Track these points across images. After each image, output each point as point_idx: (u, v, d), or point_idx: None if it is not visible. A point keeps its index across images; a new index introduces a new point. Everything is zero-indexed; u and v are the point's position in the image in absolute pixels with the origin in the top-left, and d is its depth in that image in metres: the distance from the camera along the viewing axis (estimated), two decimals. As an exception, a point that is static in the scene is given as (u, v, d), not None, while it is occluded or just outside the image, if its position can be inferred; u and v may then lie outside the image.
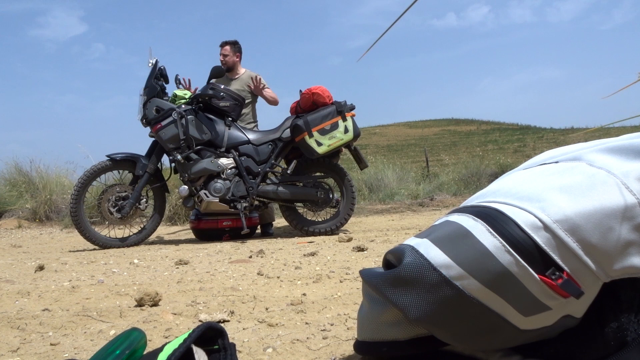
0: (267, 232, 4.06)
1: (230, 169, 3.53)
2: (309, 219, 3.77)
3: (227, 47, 4.15)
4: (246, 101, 4.10)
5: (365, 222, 4.71)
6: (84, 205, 3.33)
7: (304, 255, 2.43)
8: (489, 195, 0.70)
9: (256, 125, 4.30)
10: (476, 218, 0.65)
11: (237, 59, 4.21)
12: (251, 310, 1.34)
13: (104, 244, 3.34)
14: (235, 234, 3.63)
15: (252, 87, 4.15)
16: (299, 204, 3.70)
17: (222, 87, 3.62)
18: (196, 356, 0.64)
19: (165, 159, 3.62)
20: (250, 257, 2.50)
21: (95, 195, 3.89)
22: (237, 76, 4.22)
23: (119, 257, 2.79)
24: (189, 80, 3.97)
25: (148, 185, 3.51)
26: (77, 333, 1.17)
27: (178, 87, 3.77)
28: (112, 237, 3.41)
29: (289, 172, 3.65)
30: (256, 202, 3.65)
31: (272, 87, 4.59)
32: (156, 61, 3.55)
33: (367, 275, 0.70)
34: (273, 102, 4.27)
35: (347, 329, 1.10)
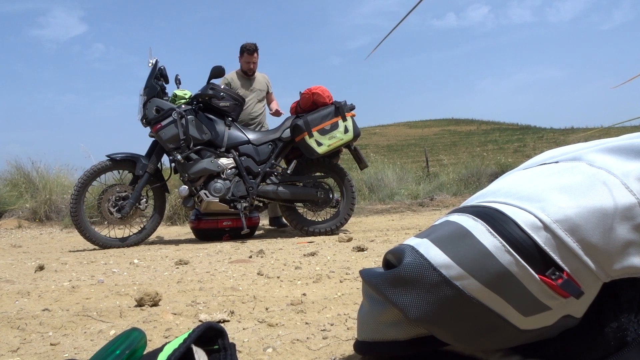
0: (281, 223, 4.28)
1: (230, 169, 3.53)
2: (309, 219, 3.77)
3: (256, 55, 4.40)
4: (263, 103, 4.57)
5: (365, 222, 4.71)
6: (84, 205, 3.33)
7: (304, 255, 2.43)
8: (489, 195, 0.70)
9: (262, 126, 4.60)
10: (476, 218, 0.65)
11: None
12: (251, 310, 1.34)
13: (104, 244, 3.34)
14: (235, 234, 3.63)
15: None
16: (299, 204, 3.71)
17: (223, 87, 3.63)
18: (196, 356, 0.64)
19: (165, 159, 3.62)
20: (250, 257, 2.50)
21: (95, 195, 3.89)
22: (254, 77, 4.51)
23: (119, 257, 2.79)
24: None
25: (148, 185, 3.51)
26: (77, 333, 1.17)
27: (178, 87, 3.77)
28: (112, 237, 3.41)
29: (289, 172, 3.65)
30: (256, 202, 3.65)
31: (273, 86, 4.69)
32: (156, 61, 3.55)
33: (367, 275, 0.70)
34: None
35: (347, 329, 1.10)
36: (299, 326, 1.15)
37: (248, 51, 4.34)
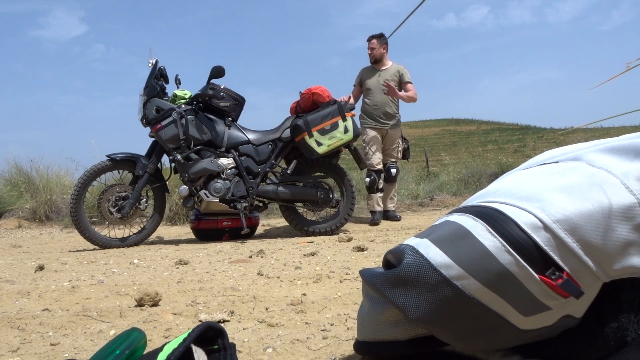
0: (392, 216, 4.64)
1: (230, 169, 3.53)
2: (309, 219, 3.77)
3: (374, 41, 4.40)
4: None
5: (365, 222, 4.71)
6: (84, 205, 3.33)
7: (304, 255, 2.43)
8: (489, 195, 0.70)
9: (398, 119, 4.58)
10: (476, 218, 0.65)
11: (384, 51, 4.45)
12: (251, 310, 1.34)
13: (104, 244, 3.34)
14: (235, 234, 3.63)
15: (388, 90, 4.34)
16: (299, 204, 3.71)
17: (222, 86, 3.62)
18: (195, 356, 0.64)
19: (165, 159, 3.62)
20: (250, 257, 2.50)
21: (95, 195, 3.89)
22: (384, 68, 4.47)
23: (119, 257, 2.79)
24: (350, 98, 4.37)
25: (148, 185, 3.51)
26: (77, 333, 1.17)
27: (178, 87, 3.77)
28: (112, 237, 3.41)
29: (289, 172, 3.65)
30: (256, 202, 3.65)
31: (273, 86, 4.74)
32: (156, 61, 3.55)
33: (367, 275, 0.70)
34: (410, 101, 4.52)
35: (347, 329, 1.10)
36: (299, 326, 1.15)
37: (368, 39, 4.45)
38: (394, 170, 4.53)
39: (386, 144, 4.59)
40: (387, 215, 4.72)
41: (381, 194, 4.53)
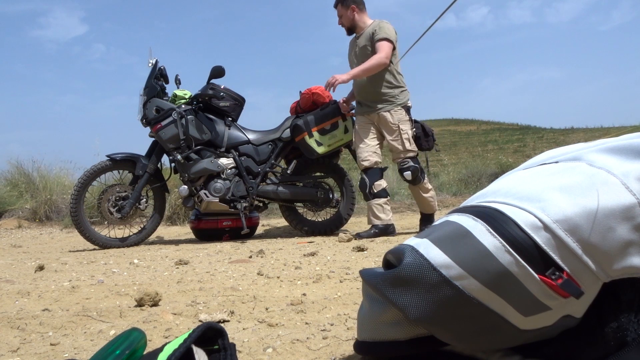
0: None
1: (230, 169, 3.53)
2: (309, 219, 3.77)
3: (339, 7, 3.45)
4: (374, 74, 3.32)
5: (365, 222, 4.71)
6: (84, 205, 3.33)
7: (304, 255, 2.43)
8: (489, 195, 0.70)
9: (403, 92, 3.41)
10: (476, 218, 0.65)
11: (354, 14, 3.41)
12: (251, 310, 1.34)
13: (104, 244, 3.34)
14: (235, 234, 3.64)
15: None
16: (299, 204, 3.71)
17: (222, 86, 3.63)
18: (196, 356, 0.64)
19: (165, 159, 3.62)
20: (250, 257, 2.50)
21: (95, 195, 3.89)
22: (361, 32, 3.43)
23: (119, 257, 2.79)
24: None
25: (148, 185, 3.51)
26: (77, 333, 1.17)
27: (178, 87, 3.77)
28: (112, 237, 3.41)
29: (289, 172, 3.65)
30: (256, 202, 3.66)
31: (273, 86, 4.60)
32: (156, 61, 3.56)
33: (367, 275, 0.70)
34: (373, 69, 3.29)
35: (347, 329, 1.10)
36: (299, 326, 1.15)
37: (334, 5, 3.49)
38: (407, 174, 3.27)
39: (384, 133, 3.40)
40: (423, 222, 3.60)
41: (382, 200, 3.35)
